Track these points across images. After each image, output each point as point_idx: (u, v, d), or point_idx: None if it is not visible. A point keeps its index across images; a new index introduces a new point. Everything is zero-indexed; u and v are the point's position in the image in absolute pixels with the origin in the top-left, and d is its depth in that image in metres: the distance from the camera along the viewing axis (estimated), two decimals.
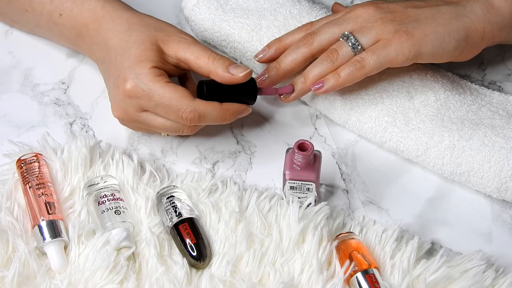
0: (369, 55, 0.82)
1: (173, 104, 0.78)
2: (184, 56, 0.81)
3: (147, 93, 0.78)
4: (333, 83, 0.82)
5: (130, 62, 0.79)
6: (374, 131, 0.86)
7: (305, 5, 0.93)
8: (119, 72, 0.80)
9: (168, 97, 0.78)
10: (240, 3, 0.93)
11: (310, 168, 0.78)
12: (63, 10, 0.86)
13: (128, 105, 0.80)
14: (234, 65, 0.81)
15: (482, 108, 0.86)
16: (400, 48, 0.81)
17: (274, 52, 0.87)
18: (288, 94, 0.85)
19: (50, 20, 0.88)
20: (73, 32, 0.87)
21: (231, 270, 0.75)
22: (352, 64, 0.82)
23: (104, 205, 0.78)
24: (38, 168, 0.81)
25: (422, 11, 0.84)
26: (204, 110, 0.79)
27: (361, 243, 0.77)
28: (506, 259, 0.79)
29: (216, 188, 0.82)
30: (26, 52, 0.95)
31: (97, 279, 0.74)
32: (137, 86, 0.78)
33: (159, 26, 0.83)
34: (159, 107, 0.79)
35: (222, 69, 0.80)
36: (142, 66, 0.79)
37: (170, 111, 0.79)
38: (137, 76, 0.79)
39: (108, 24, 0.83)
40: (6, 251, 0.76)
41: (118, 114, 0.82)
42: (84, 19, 0.85)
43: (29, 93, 0.92)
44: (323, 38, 0.85)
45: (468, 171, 0.82)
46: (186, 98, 0.78)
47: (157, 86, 0.78)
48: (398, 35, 0.81)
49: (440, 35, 0.82)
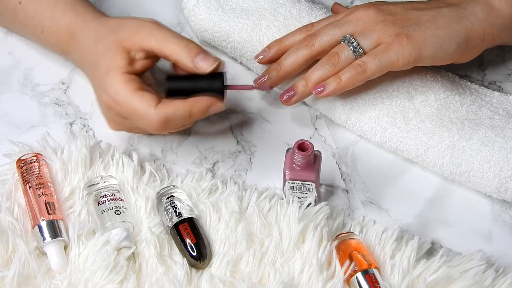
0: (371, 59, 0.82)
1: (138, 111, 0.78)
2: (149, 46, 0.80)
3: (117, 103, 0.78)
4: (335, 86, 0.82)
5: (101, 74, 0.80)
6: (374, 131, 0.86)
7: (305, 5, 0.93)
8: (98, 84, 0.81)
9: (133, 107, 0.78)
10: (240, 3, 0.93)
11: (310, 168, 0.78)
12: (43, 27, 0.86)
13: (113, 116, 0.81)
14: (201, 55, 0.79)
15: (482, 108, 0.86)
16: (401, 51, 0.81)
17: (275, 53, 0.87)
18: (289, 97, 0.85)
19: (34, 35, 0.88)
20: (57, 47, 0.87)
21: (231, 270, 0.75)
22: (353, 68, 0.82)
23: (104, 205, 0.78)
24: (38, 168, 0.81)
25: (423, 13, 0.83)
26: (167, 112, 0.77)
27: (361, 243, 0.77)
28: (506, 259, 0.79)
29: (216, 188, 0.82)
30: (26, 53, 0.95)
31: (97, 279, 0.74)
32: (110, 97, 0.79)
33: (120, 25, 0.82)
34: (130, 115, 0.79)
35: (188, 59, 0.79)
36: (111, 75, 0.79)
37: (139, 120, 0.79)
38: (109, 86, 0.79)
39: (79, 39, 0.84)
40: (6, 251, 0.76)
41: (110, 125, 0.83)
42: (62, 36, 0.85)
43: (29, 93, 0.92)
44: (324, 40, 0.85)
45: (468, 171, 0.82)
46: (150, 105, 0.77)
47: (125, 95, 0.78)
48: (399, 38, 0.81)
49: (441, 38, 0.82)
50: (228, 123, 0.89)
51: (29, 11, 0.87)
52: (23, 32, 0.91)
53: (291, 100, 0.85)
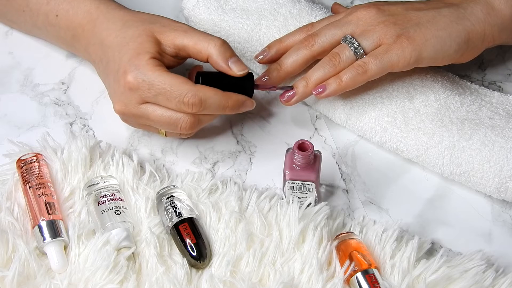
0: (372, 60, 0.82)
1: (173, 90, 0.78)
2: (182, 43, 0.81)
3: (147, 83, 0.78)
4: (335, 87, 0.82)
5: (128, 56, 0.80)
6: (374, 131, 0.86)
7: (305, 5, 0.93)
8: (119, 67, 0.80)
9: (169, 83, 0.78)
10: (240, 3, 0.93)
11: (310, 168, 0.78)
12: (59, 11, 0.86)
13: (129, 98, 0.80)
14: (234, 58, 0.81)
15: (482, 108, 0.86)
16: (402, 53, 0.81)
17: (275, 53, 0.87)
18: (289, 97, 0.85)
19: (46, 20, 0.88)
20: (68, 33, 0.87)
21: (231, 270, 0.75)
22: (354, 68, 0.82)
23: (104, 205, 0.78)
24: (38, 168, 0.81)
25: (423, 14, 0.83)
26: (206, 94, 0.78)
27: (361, 243, 0.77)
28: (506, 259, 0.79)
29: (216, 188, 0.82)
30: (26, 53, 0.95)
31: (97, 279, 0.74)
32: (137, 77, 0.79)
33: (153, 19, 0.83)
34: (160, 95, 0.79)
35: (222, 59, 0.80)
36: (141, 58, 0.79)
37: (171, 97, 0.78)
38: (136, 67, 0.79)
39: (102, 24, 0.83)
40: (6, 251, 0.76)
41: (119, 108, 0.82)
42: (79, 20, 0.85)
43: (29, 93, 0.92)
44: (324, 40, 0.85)
45: (468, 171, 0.82)
46: (186, 83, 0.78)
47: (157, 75, 0.78)
48: (400, 40, 0.82)
49: (441, 38, 0.82)
50: (228, 123, 0.89)
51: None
52: (31, 20, 0.90)
53: (292, 100, 0.85)
